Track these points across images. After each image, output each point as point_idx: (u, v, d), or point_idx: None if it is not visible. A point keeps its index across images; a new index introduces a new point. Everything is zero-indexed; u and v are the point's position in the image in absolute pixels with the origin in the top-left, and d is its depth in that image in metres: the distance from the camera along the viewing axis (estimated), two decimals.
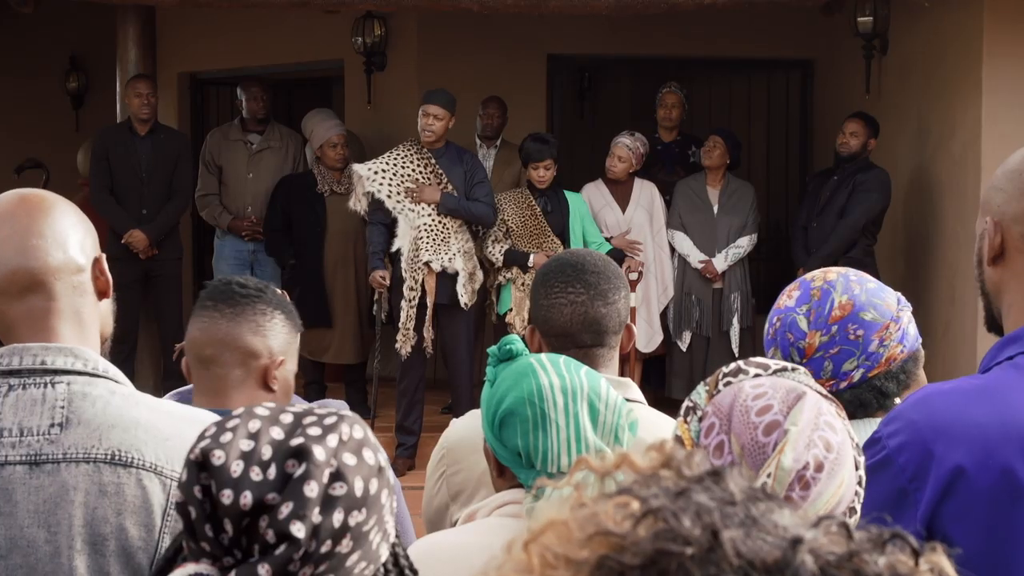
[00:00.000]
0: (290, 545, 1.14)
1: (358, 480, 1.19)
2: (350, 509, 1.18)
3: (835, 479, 1.45)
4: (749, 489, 0.78)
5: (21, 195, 1.72)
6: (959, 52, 6.60)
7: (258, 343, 2.21)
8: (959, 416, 1.61)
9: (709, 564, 0.72)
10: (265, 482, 1.17)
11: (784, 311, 2.18)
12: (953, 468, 1.58)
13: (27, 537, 1.57)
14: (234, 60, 9.10)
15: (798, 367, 1.61)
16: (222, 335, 2.20)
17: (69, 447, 1.60)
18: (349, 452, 1.20)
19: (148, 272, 7.22)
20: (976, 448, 1.58)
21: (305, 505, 1.16)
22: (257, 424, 1.21)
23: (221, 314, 2.20)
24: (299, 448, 1.19)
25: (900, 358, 2.15)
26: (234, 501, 1.16)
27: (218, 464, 1.18)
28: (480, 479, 2.29)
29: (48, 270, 1.66)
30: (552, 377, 1.73)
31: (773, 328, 2.19)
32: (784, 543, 0.73)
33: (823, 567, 0.72)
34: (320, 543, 1.16)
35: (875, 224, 6.89)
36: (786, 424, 1.46)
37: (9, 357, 1.64)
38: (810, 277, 2.21)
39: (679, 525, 0.74)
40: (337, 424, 1.23)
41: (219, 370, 2.20)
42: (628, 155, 7.08)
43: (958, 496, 1.58)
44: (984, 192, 1.77)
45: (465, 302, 6.52)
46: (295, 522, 1.15)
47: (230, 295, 2.22)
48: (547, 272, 2.31)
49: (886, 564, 0.74)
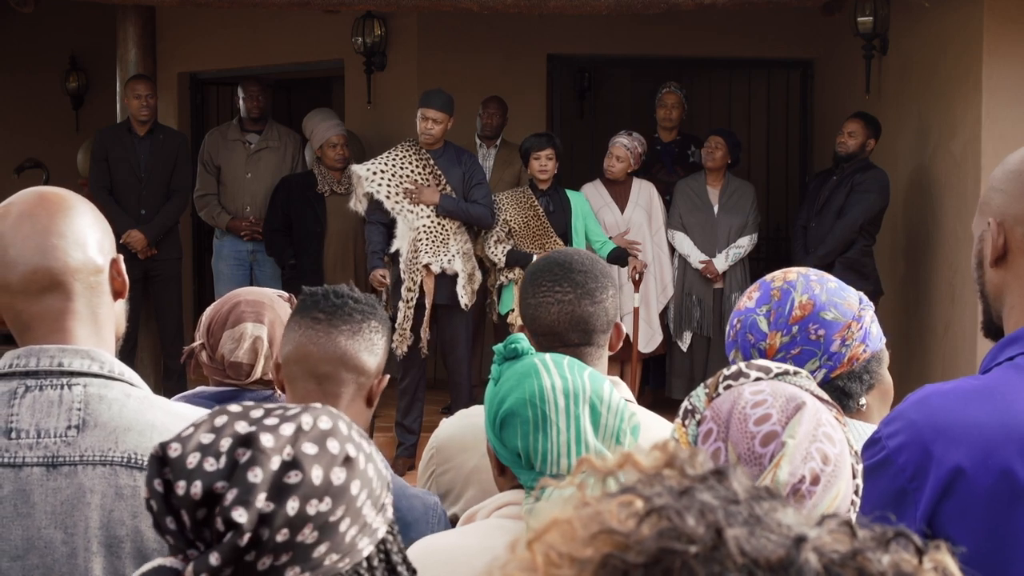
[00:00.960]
0: (236, 532, 1.14)
1: (316, 469, 1.18)
2: (308, 498, 1.17)
3: (831, 491, 1.44)
4: (753, 488, 0.78)
5: (41, 193, 1.72)
6: (959, 52, 6.60)
7: (372, 362, 2.14)
8: (959, 416, 1.61)
9: (713, 562, 0.72)
10: (216, 471, 1.17)
11: (744, 312, 2.15)
12: (952, 468, 1.57)
13: (44, 538, 1.58)
14: (234, 60, 9.10)
15: (800, 371, 1.60)
16: (340, 352, 2.11)
17: (86, 449, 1.60)
18: (310, 441, 1.20)
19: (148, 272, 7.22)
20: (976, 449, 1.57)
21: (249, 491, 1.15)
22: (224, 419, 1.22)
23: (338, 330, 2.11)
24: (247, 436, 1.19)
25: (863, 358, 2.12)
26: (186, 491, 1.16)
27: (174, 456, 1.19)
28: (468, 477, 2.29)
29: (68, 270, 1.66)
30: (555, 378, 1.72)
31: (734, 330, 2.15)
32: (788, 541, 0.73)
33: (827, 565, 0.72)
34: (275, 531, 1.15)
35: (874, 224, 6.89)
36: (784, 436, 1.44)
37: (26, 358, 1.64)
38: (770, 278, 2.18)
39: (683, 523, 0.74)
40: (299, 415, 1.22)
41: (333, 388, 2.12)
42: (626, 155, 7.09)
43: (957, 496, 1.58)
44: (983, 193, 1.76)
45: (465, 303, 6.53)
46: (237, 508, 1.14)
47: (346, 311, 2.13)
48: (535, 271, 2.31)
49: (890, 562, 0.74)
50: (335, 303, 2.14)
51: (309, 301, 2.16)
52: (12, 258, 1.65)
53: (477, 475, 2.26)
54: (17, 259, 1.65)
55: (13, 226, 1.66)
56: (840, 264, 6.63)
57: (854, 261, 6.67)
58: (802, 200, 7.57)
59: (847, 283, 2.23)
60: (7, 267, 1.66)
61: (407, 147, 6.61)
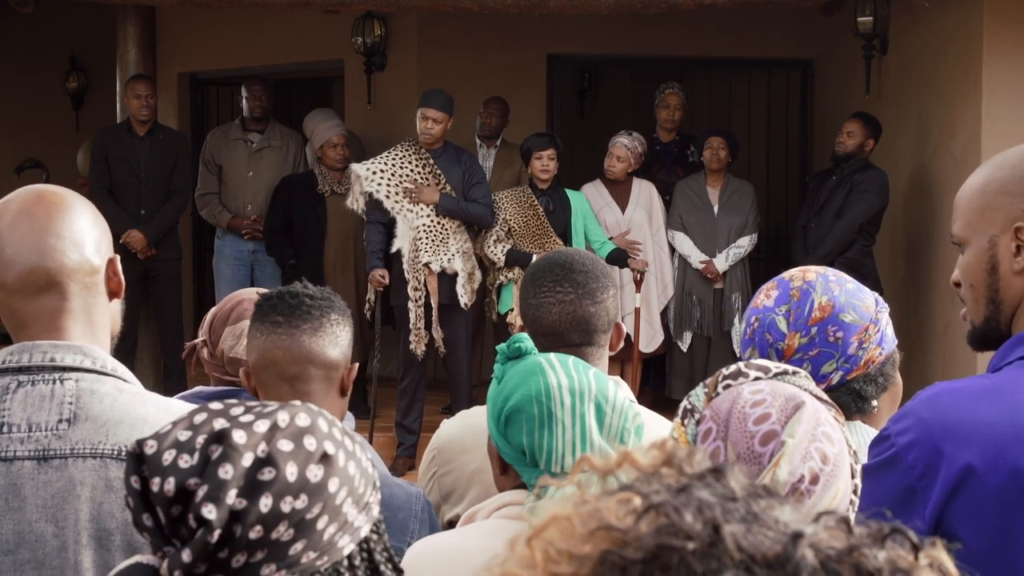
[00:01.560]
0: (206, 529, 1.14)
1: (290, 466, 1.18)
2: (282, 495, 1.17)
3: (830, 491, 1.43)
4: (750, 486, 0.78)
5: (39, 192, 1.72)
6: (959, 52, 6.60)
7: (338, 355, 2.15)
8: (969, 415, 1.60)
9: (711, 559, 0.72)
10: (190, 468, 1.17)
11: (762, 311, 2.14)
12: (963, 467, 1.57)
13: (35, 532, 1.58)
14: (234, 60, 9.11)
15: (799, 370, 1.60)
16: (306, 352, 2.12)
17: (77, 442, 1.60)
18: (285, 438, 1.19)
19: (148, 272, 7.22)
20: (986, 448, 1.57)
21: (220, 487, 1.15)
22: (203, 416, 1.22)
23: (299, 330, 2.12)
24: (220, 432, 1.19)
25: (878, 360, 2.12)
26: (160, 488, 1.17)
27: (149, 453, 1.19)
28: (471, 479, 2.29)
29: (64, 271, 1.67)
30: (560, 377, 1.73)
31: (751, 328, 2.15)
32: (785, 538, 0.74)
33: (823, 562, 0.73)
34: (247, 528, 1.15)
35: (873, 224, 6.89)
36: (783, 435, 1.44)
37: (19, 354, 1.65)
38: (788, 276, 2.17)
39: (681, 520, 0.74)
40: (275, 411, 1.22)
41: (304, 386, 2.13)
42: (627, 155, 7.09)
43: (967, 495, 1.57)
44: (985, 196, 1.72)
45: (465, 302, 6.53)
46: (207, 504, 1.14)
47: (304, 309, 2.13)
48: (535, 271, 2.31)
49: (886, 559, 0.75)
50: (291, 304, 2.14)
51: (266, 306, 2.16)
52: (9, 257, 1.66)
53: (479, 476, 2.26)
54: (14, 258, 1.66)
55: (11, 224, 1.67)
56: (840, 264, 6.63)
57: (854, 261, 6.67)
58: (802, 200, 7.57)
59: None
60: (4, 265, 1.66)
61: (407, 147, 6.61)
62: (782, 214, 8.96)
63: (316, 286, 2.22)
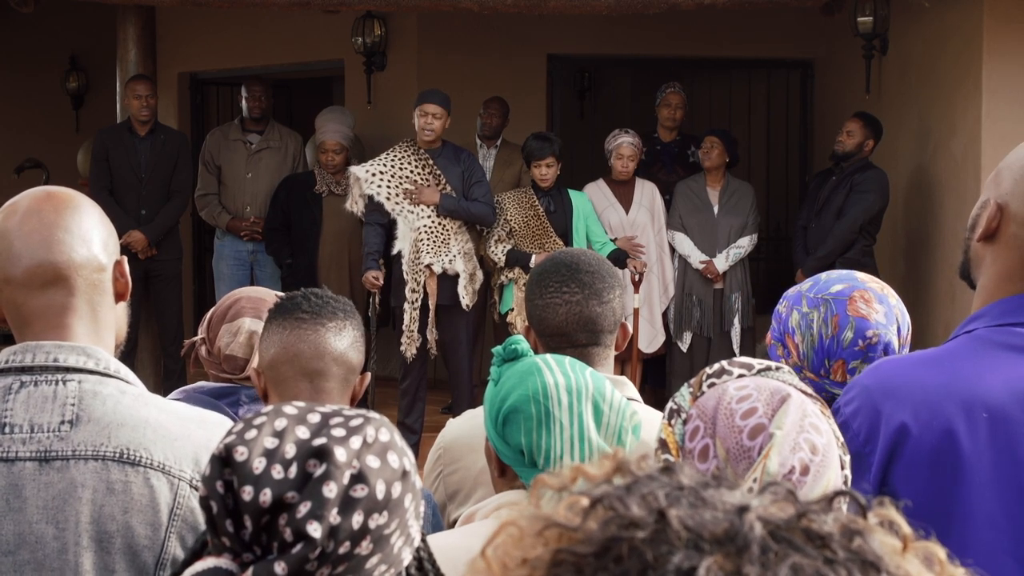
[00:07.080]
0: (306, 544, 1.15)
1: (380, 483, 1.19)
2: (370, 511, 1.18)
3: (820, 481, 1.44)
4: (700, 477, 0.78)
5: (48, 191, 1.73)
6: (959, 52, 6.60)
7: (357, 359, 2.16)
8: (907, 379, 1.69)
9: (660, 543, 0.72)
10: (286, 480, 1.17)
11: (875, 326, 2.20)
12: (899, 426, 1.64)
13: (36, 533, 1.57)
14: (234, 60, 9.11)
15: (782, 366, 1.61)
16: (331, 347, 2.12)
17: (79, 444, 1.60)
18: (373, 455, 1.21)
19: (148, 272, 7.22)
20: (920, 408, 1.64)
21: (323, 505, 1.16)
22: (284, 422, 1.22)
23: (325, 327, 2.12)
24: (321, 448, 1.19)
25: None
26: (254, 498, 1.16)
27: (240, 460, 1.19)
28: (477, 478, 2.29)
29: (71, 265, 1.67)
30: (557, 376, 1.73)
31: (866, 341, 2.20)
32: (731, 513, 0.74)
33: (772, 531, 0.73)
34: (338, 544, 1.16)
35: (873, 224, 6.89)
36: (771, 427, 1.45)
37: (22, 354, 1.65)
38: (883, 291, 2.26)
39: (627, 510, 0.75)
40: (362, 426, 1.23)
41: (325, 383, 2.12)
42: (634, 152, 7.07)
43: (905, 457, 1.64)
44: (1001, 167, 1.77)
45: (467, 303, 6.52)
46: (312, 522, 1.15)
47: (330, 309, 2.15)
48: (542, 272, 2.31)
49: (836, 522, 0.75)
50: (317, 303, 2.16)
51: (289, 304, 2.17)
52: (17, 251, 1.66)
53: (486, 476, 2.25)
54: (22, 252, 1.66)
55: (20, 221, 1.67)
56: (840, 264, 6.62)
57: (854, 261, 6.66)
58: (802, 200, 7.57)
59: None
60: (12, 260, 1.66)
61: (405, 147, 6.60)
62: (782, 214, 8.96)
63: (339, 296, 2.23)
